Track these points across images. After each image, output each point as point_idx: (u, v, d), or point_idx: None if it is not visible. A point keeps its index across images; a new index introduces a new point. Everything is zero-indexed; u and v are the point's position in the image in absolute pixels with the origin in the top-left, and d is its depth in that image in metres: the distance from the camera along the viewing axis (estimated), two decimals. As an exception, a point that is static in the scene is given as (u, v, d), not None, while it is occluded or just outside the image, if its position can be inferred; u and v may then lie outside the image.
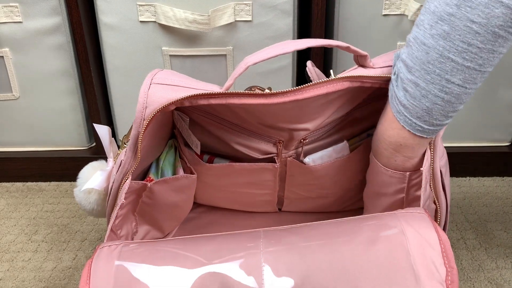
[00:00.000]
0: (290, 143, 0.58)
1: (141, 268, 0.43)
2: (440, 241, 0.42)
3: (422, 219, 0.44)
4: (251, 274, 0.41)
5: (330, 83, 0.48)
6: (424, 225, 0.44)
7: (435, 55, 0.43)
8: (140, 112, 0.49)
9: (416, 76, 0.44)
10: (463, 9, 0.41)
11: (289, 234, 0.45)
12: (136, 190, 0.54)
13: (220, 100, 0.47)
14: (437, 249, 0.42)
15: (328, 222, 0.46)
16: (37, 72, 0.88)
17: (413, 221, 0.44)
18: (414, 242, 0.42)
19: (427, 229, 0.43)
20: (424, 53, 0.43)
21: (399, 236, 0.42)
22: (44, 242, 0.76)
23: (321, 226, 0.46)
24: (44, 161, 0.93)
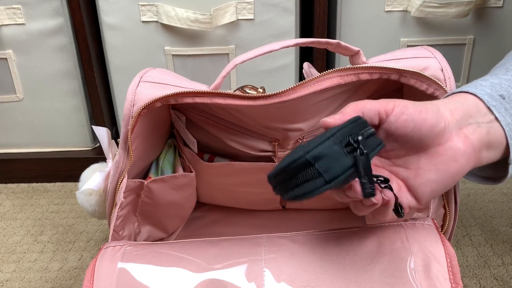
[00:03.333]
0: (286, 142, 0.57)
1: (144, 271, 0.43)
2: (447, 256, 0.41)
3: (429, 232, 0.43)
4: (253, 281, 0.41)
5: (317, 81, 0.47)
6: (431, 238, 0.42)
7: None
8: (128, 109, 0.49)
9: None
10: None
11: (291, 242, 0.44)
12: (134, 189, 0.54)
13: (205, 99, 0.47)
14: (442, 264, 0.40)
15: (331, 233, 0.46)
16: (41, 74, 0.88)
17: (420, 234, 0.43)
18: (418, 256, 0.41)
19: (434, 243, 0.42)
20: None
21: (403, 250, 0.41)
22: (50, 243, 0.76)
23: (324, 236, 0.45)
24: (48, 162, 0.93)
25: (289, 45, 0.49)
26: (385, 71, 0.48)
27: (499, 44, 0.84)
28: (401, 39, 0.84)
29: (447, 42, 0.84)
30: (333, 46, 0.50)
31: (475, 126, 0.39)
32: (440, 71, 0.48)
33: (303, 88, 0.47)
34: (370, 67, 0.47)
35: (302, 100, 0.49)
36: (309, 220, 0.65)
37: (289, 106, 0.51)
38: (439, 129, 0.37)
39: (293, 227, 0.62)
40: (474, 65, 0.87)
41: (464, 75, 0.88)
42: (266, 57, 0.83)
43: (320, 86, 0.47)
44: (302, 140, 0.58)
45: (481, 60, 0.87)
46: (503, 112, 0.40)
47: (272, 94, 0.47)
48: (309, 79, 0.47)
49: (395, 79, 0.49)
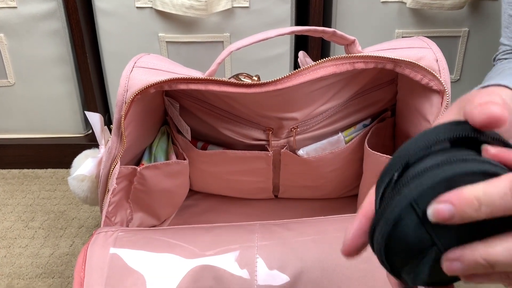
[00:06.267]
0: (280, 131, 0.57)
1: (136, 257, 0.43)
2: None
3: None
4: (245, 267, 0.41)
5: (312, 69, 0.47)
6: None
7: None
8: (121, 95, 0.49)
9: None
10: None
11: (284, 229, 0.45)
12: (126, 176, 0.54)
13: (199, 86, 0.47)
14: None
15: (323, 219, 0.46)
16: (33, 58, 0.87)
17: None
18: None
19: None
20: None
21: None
22: (41, 229, 0.76)
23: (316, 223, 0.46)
24: (40, 148, 0.93)
25: (284, 33, 0.49)
26: (381, 61, 0.48)
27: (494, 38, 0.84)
28: (396, 30, 0.84)
29: (442, 34, 0.84)
30: (328, 34, 0.50)
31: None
32: (435, 61, 0.49)
33: (298, 76, 0.47)
34: (366, 56, 0.47)
35: (296, 88, 0.49)
36: (301, 209, 0.66)
37: (284, 95, 0.51)
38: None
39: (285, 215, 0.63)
40: (467, 58, 0.88)
41: (457, 67, 0.88)
42: (261, 46, 0.83)
43: (315, 74, 0.47)
44: (296, 129, 0.58)
45: (475, 53, 0.87)
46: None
47: (267, 82, 0.47)
48: (304, 67, 0.47)
49: (390, 68, 0.49)
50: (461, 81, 0.90)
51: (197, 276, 0.41)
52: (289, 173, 0.62)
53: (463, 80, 0.90)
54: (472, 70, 0.88)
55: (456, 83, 0.90)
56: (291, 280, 0.40)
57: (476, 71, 0.88)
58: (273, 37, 0.49)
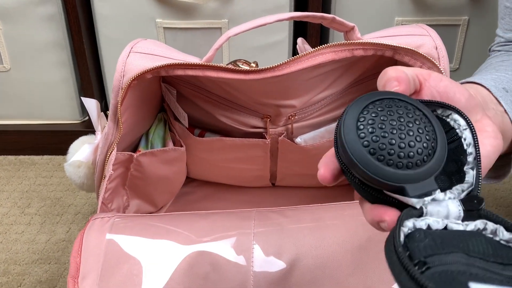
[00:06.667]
0: (278, 119, 0.57)
1: (132, 243, 0.43)
2: None
3: None
4: (241, 254, 0.41)
5: (311, 56, 0.46)
6: None
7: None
8: (118, 80, 0.48)
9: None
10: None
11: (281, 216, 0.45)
12: (123, 162, 0.54)
13: (196, 71, 0.47)
14: None
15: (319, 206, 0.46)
16: (28, 44, 0.86)
17: None
18: None
19: None
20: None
21: None
22: (37, 215, 0.76)
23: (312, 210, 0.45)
24: (36, 135, 0.92)
25: (283, 18, 0.48)
26: (380, 48, 0.47)
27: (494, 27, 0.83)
28: (396, 18, 0.83)
29: (441, 23, 0.84)
30: (328, 21, 0.50)
31: (494, 112, 0.38)
32: (434, 49, 0.48)
33: (296, 63, 0.47)
34: (365, 43, 0.47)
35: (295, 75, 0.49)
36: (298, 197, 0.66)
37: (282, 82, 0.51)
38: (474, 104, 0.34)
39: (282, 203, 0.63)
40: (467, 46, 0.87)
41: (457, 56, 0.88)
42: (259, 33, 0.82)
43: (313, 61, 0.47)
44: (293, 117, 0.57)
45: (475, 42, 0.86)
46: (509, 104, 0.40)
47: (265, 68, 0.47)
48: (302, 54, 0.47)
49: (389, 55, 0.48)
50: (460, 70, 0.89)
51: (194, 262, 0.41)
52: (286, 161, 0.62)
53: (462, 69, 0.89)
54: (472, 59, 0.88)
55: (455, 72, 0.89)
56: (287, 267, 0.40)
57: (476, 61, 0.88)
58: (271, 22, 0.48)
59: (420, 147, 0.27)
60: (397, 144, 0.26)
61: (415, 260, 0.23)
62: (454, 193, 0.28)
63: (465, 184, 0.29)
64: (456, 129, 0.31)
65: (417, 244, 0.24)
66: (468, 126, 0.30)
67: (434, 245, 0.24)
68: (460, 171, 0.29)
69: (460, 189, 0.28)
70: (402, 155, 0.26)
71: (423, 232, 0.25)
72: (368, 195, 0.28)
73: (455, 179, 0.29)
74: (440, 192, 0.28)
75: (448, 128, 0.31)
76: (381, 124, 0.27)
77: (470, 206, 0.27)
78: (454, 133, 0.31)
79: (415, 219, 0.26)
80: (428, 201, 0.27)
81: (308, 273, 0.40)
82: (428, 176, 0.27)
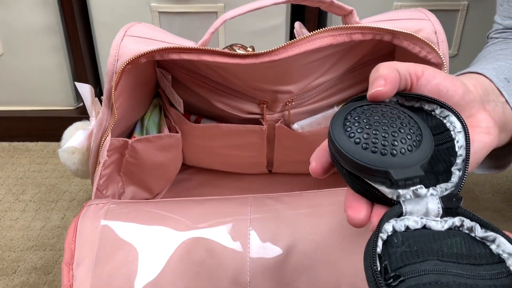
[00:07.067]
0: (275, 105, 0.57)
1: (128, 229, 0.42)
2: None
3: None
4: (238, 240, 0.41)
5: (308, 40, 0.46)
6: None
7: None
8: (112, 64, 0.47)
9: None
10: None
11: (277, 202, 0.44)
12: (118, 148, 0.53)
13: (192, 55, 0.46)
14: None
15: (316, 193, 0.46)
16: (21, 28, 0.85)
17: None
18: None
19: None
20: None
21: None
22: (32, 202, 0.75)
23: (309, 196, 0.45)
24: (30, 121, 0.91)
25: (281, 1, 0.47)
26: (378, 32, 0.47)
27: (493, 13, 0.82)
28: (394, 2, 0.82)
29: (441, 8, 0.83)
30: (326, 4, 0.49)
31: (494, 105, 0.38)
32: (433, 33, 0.47)
33: (293, 47, 0.46)
34: (363, 27, 0.46)
35: (292, 60, 0.48)
36: (295, 184, 0.65)
37: (279, 66, 0.50)
38: (468, 99, 0.35)
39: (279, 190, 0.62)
40: (466, 32, 0.86)
41: (455, 42, 0.87)
42: (256, 17, 0.81)
43: (311, 45, 0.46)
44: (290, 103, 0.57)
45: (474, 27, 0.86)
46: (511, 94, 0.40)
47: (262, 52, 0.46)
48: (300, 38, 0.46)
49: (388, 40, 0.47)
50: (459, 56, 0.89)
51: (190, 248, 0.40)
52: (283, 147, 0.61)
53: (460, 55, 0.89)
54: (471, 45, 0.87)
55: (453, 58, 0.89)
56: (283, 253, 0.40)
57: (475, 47, 0.87)
58: (268, 5, 0.47)
59: (404, 137, 0.28)
60: (381, 134, 0.28)
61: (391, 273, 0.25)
62: (437, 190, 0.29)
63: (449, 184, 0.30)
64: (451, 131, 0.32)
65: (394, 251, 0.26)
66: (463, 129, 0.31)
67: (410, 252, 0.26)
68: (448, 171, 0.31)
69: (444, 188, 0.30)
70: (386, 144, 0.28)
71: (400, 236, 0.27)
72: (355, 184, 0.29)
73: (441, 178, 0.30)
74: (424, 189, 0.29)
75: (443, 129, 0.32)
76: (366, 120, 0.29)
77: (449, 204, 0.28)
78: (449, 134, 0.32)
79: (395, 220, 0.28)
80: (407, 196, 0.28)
81: (305, 259, 0.40)
82: (413, 164, 0.28)
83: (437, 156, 0.31)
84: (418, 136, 0.29)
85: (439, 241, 0.27)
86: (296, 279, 0.39)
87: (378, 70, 0.33)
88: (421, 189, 0.29)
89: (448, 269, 0.25)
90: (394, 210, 0.28)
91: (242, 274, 0.39)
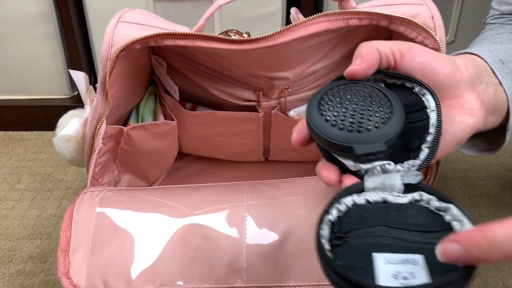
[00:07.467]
0: (271, 92, 0.56)
1: (123, 216, 0.42)
2: None
3: None
4: (234, 226, 0.41)
5: (305, 25, 0.45)
6: None
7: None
8: (106, 51, 0.47)
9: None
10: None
11: (274, 189, 0.44)
12: (113, 136, 0.53)
13: (186, 41, 0.45)
14: None
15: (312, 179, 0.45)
16: (14, 16, 0.84)
17: None
18: None
19: None
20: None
21: None
22: (28, 191, 0.75)
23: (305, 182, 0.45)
24: (25, 110, 0.90)
25: None
26: (375, 17, 0.46)
27: (490, -2, 0.82)
28: (391, -11, 0.82)
29: (438, -6, 0.82)
30: None
31: (485, 86, 0.38)
32: (430, 19, 0.47)
33: (289, 32, 0.45)
34: (360, 12, 0.46)
35: (288, 46, 0.48)
36: (292, 172, 0.65)
37: (275, 52, 0.50)
38: (455, 80, 0.35)
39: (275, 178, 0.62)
40: (463, 19, 0.86)
41: (452, 28, 0.87)
42: (251, 4, 0.80)
43: (307, 31, 0.46)
44: (287, 90, 0.56)
45: (471, 13, 0.85)
46: (504, 76, 0.40)
47: (258, 38, 0.46)
48: (296, 23, 0.45)
49: (385, 25, 0.47)
50: (456, 43, 0.88)
51: (186, 234, 0.40)
52: (279, 134, 0.61)
53: (457, 41, 0.88)
54: (467, 31, 0.87)
55: (450, 45, 0.88)
56: (280, 238, 0.40)
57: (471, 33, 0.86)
58: None
59: (372, 115, 0.30)
60: (349, 112, 0.30)
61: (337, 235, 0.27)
62: (404, 167, 0.31)
63: (417, 161, 0.32)
64: (427, 108, 0.33)
65: (347, 220, 0.28)
66: (436, 108, 0.33)
67: (360, 219, 0.28)
68: (419, 149, 0.32)
69: (411, 164, 0.31)
70: (353, 121, 0.30)
71: (357, 208, 0.29)
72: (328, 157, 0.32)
73: (413, 155, 0.32)
74: (392, 164, 0.31)
75: (422, 107, 0.33)
76: (339, 99, 0.31)
77: (411, 180, 0.30)
78: (425, 112, 0.33)
79: (357, 194, 0.30)
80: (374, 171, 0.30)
81: (301, 244, 0.40)
82: (377, 140, 0.30)
83: (412, 133, 0.32)
84: (388, 114, 0.31)
85: (395, 212, 0.28)
86: (292, 264, 0.39)
87: (359, 48, 0.34)
88: (388, 165, 0.30)
89: (392, 233, 0.27)
90: (356, 185, 0.30)
91: (239, 260, 0.39)
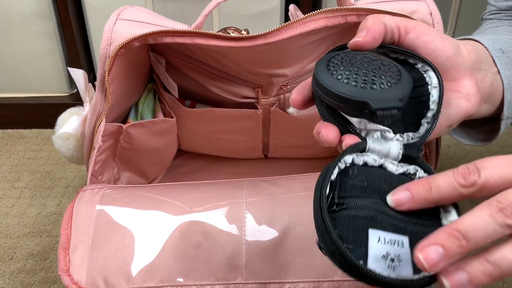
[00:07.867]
0: (270, 89, 0.56)
1: (123, 214, 0.42)
2: None
3: None
4: (233, 223, 0.41)
5: (303, 22, 0.45)
6: None
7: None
8: (105, 49, 0.47)
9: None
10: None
11: (273, 186, 0.44)
12: (112, 134, 0.53)
13: (185, 39, 0.45)
14: None
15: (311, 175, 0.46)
16: (12, 13, 0.83)
17: None
18: None
19: None
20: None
21: None
22: (27, 189, 0.75)
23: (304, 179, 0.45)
24: (24, 108, 0.90)
25: None
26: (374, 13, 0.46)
27: (488, -6, 0.82)
28: (390, -15, 0.81)
29: (436, -10, 0.82)
30: None
31: (484, 74, 0.38)
32: (429, 15, 0.47)
33: (288, 29, 0.45)
34: (358, 8, 0.46)
35: (287, 43, 0.48)
36: (291, 169, 0.65)
37: (274, 49, 0.50)
38: (456, 63, 0.35)
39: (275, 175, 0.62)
40: (462, 15, 0.86)
41: (451, 25, 0.87)
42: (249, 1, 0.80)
43: (306, 28, 0.46)
44: (286, 87, 0.57)
45: (470, 10, 0.85)
46: (504, 65, 0.40)
47: (256, 35, 0.46)
48: (295, 20, 0.45)
49: None
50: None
51: (186, 231, 0.41)
52: (278, 132, 0.61)
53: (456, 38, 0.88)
54: (466, 28, 0.87)
55: (448, 42, 0.88)
56: (279, 235, 0.40)
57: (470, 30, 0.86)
58: None
59: (384, 75, 0.30)
60: (362, 71, 0.30)
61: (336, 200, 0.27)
62: (403, 137, 0.31)
63: (416, 134, 0.32)
64: (429, 85, 0.33)
65: (346, 181, 0.28)
66: (438, 85, 0.33)
67: (359, 186, 0.28)
68: (418, 123, 0.33)
69: (410, 136, 0.32)
70: (367, 79, 0.29)
71: (356, 169, 0.29)
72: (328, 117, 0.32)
73: (410, 128, 0.32)
74: (392, 133, 0.31)
75: (423, 83, 0.34)
76: (348, 60, 0.31)
77: (410, 152, 0.30)
78: (426, 88, 0.33)
79: (357, 154, 0.30)
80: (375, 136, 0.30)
81: (301, 241, 0.40)
82: (391, 96, 0.29)
83: (411, 107, 0.33)
84: (398, 76, 0.30)
85: (389, 183, 0.29)
86: (292, 261, 0.39)
87: (365, 21, 0.34)
88: (389, 132, 0.31)
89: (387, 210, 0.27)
90: (359, 144, 0.30)
91: (238, 256, 0.40)
